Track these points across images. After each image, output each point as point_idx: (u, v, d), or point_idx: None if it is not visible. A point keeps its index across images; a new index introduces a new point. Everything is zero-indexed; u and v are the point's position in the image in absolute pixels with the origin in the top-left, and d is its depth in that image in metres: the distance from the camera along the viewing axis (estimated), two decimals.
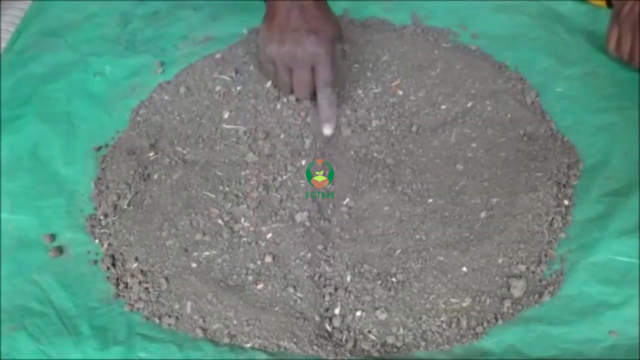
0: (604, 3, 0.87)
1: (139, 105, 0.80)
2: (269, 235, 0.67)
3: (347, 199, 0.70)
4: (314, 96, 0.76)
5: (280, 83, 0.76)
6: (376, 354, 0.60)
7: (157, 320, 0.62)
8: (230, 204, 0.69)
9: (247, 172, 0.72)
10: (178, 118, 0.78)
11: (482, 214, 0.68)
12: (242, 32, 0.88)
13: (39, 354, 0.59)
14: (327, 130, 0.75)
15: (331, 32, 0.74)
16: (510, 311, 0.62)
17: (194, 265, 0.65)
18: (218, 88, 0.81)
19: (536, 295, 0.63)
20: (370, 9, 0.89)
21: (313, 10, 0.74)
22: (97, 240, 0.68)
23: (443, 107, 0.78)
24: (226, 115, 0.78)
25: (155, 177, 0.72)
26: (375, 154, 0.73)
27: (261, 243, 0.67)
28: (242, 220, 0.68)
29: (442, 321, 0.61)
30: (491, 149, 0.74)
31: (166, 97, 0.80)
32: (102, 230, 0.68)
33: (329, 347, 0.60)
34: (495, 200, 0.69)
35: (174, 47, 0.87)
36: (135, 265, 0.65)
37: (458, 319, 0.62)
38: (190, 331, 0.62)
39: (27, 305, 0.63)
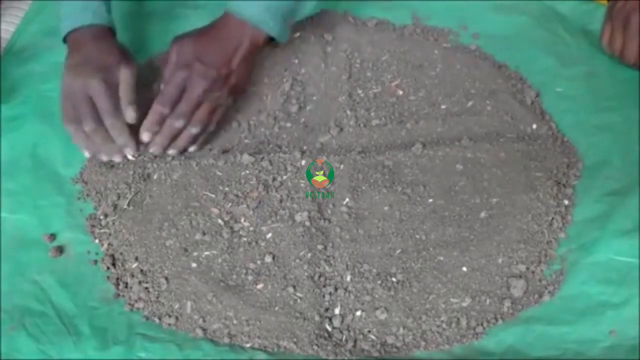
0: (605, 1, 0.87)
1: None
2: (269, 235, 0.67)
3: (347, 199, 0.70)
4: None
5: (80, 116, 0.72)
6: (376, 354, 0.60)
7: (157, 320, 0.62)
8: (230, 204, 0.69)
9: (247, 172, 0.72)
10: None
11: (482, 214, 0.68)
12: None
13: (39, 354, 0.59)
14: (117, 158, 0.72)
15: (104, 60, 0.72)
16: (510, 311, 0.63)
17: (194, 265, 0.65)
18: None
19: (536, 295, 0.63)
20: (370, 9, 0.89)
21: (89, 42, 0.74)
22: (97, 240, 0.68)
23: (443, 106, 0.78)
24: None
25: (155, 177, 0.72)
26: (374, 154, 0.73)
27: (261, 243, 0.67)
28: (242, 220, 0.68)
29: (442, 321, 0.62)
30: (491, 149, 0.74)
31: None
32: (102, 230, 0.68)
33: (329, 347, 0.60)
34: (495, 200, 0.69)
35: None
36: (135, 265, 0.65)
37: (458, 319, 0.62)
38: (190, 331, 0.62)
39: (27, 305, 0.63)
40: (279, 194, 0.70)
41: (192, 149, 0.74)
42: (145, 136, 0.71)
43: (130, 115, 0.71)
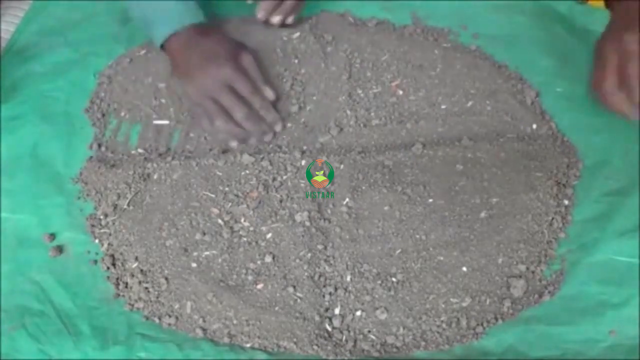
0: (601, 3, 0.87)
1: None
2: (269, 235, 0.67)
3: (347, 199, 0.70)
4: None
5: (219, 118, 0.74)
6: (376, 354, 0.60)
7: (157, 320, 0.62)
8: (230, 204, 0.69)
9: (247, 172, 0.72)
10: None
11: (482, 214, 0.68)
12: None
13: (39, 354, 0.59)
14: (268, 137, 0.75)
15: (223, 51, 0.74)
16: (510, 311, 0.63)
17: (194, 265, 0.65)
18: None
19: (536, 295, 0.64)
20: (370, 9, 0.89)
21: (201, 40, 0.74)
22: (97, 240, 0.68)
23: (443, 106, 0.78)
24: None
25: (155, 176, 0.72)
26: (374, 154, 0.73)
27: (261, 243, 0.67)
28: (242, 220, 0.68)
29: (442, 321, 0.62)
30: (491, 149, 0.74)
31: None
32: (102, 230, 0.68)
33: (329, 347, 0.60)
34: (495, 200, 0.69)
35: None
36: (135, 265, 0.65)
37: (458, 319, 0.62)
38: (190, 331, 0.62)
39: (27, 305, 0.63)
40: (279, 194, 0.70)
41: (289, 20, 0.81)
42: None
43: (269, 93, 0.75)
